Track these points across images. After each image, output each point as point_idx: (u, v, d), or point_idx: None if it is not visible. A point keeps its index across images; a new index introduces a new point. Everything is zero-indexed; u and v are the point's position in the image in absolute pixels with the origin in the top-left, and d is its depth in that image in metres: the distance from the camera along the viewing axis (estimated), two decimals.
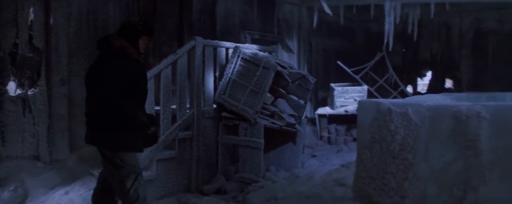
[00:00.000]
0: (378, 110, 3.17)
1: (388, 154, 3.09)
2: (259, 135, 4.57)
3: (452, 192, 2.89)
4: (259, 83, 4.54)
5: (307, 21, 8.37)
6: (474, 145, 2.80)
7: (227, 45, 5.04)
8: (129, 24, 3.07)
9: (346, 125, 7.72)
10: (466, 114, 2.84)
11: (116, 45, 2.95)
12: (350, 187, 4.41)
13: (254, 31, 7.15)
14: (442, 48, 9.63)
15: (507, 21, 8.97)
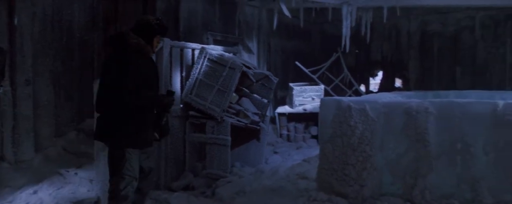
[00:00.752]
0: (339, 107, 3.47)
1: (349, 147, 3.39)
2: (226, 132, 4.78)
3: (405, 180, 3.24)
4: (226, 83, 4.75)
5: (267, 23, 8.65)
6: (423, 138, 3.16)
7: (193, 46, 5.21)
8: (146, 23, 3.08)
9: (305, 123, 8.05)
10: (416, 109, 3.20)
11: (132, 43, 3.00)
12: (312, 179, 4.72)
13: (216, 32, 7.33)
14: (392, 49, 10.22)
15: (449, 24, 9.68)
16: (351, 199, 3.35)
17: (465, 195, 3.05)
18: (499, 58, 9.25)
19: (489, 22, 9.27)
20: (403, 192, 3.24)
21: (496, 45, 9.29)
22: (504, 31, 9.15)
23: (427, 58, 9.97)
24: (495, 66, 9.28)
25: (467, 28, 9.54)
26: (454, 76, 9.68)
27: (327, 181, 3.52)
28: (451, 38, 9.69)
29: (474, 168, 3.02)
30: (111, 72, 2.97)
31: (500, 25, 9.23)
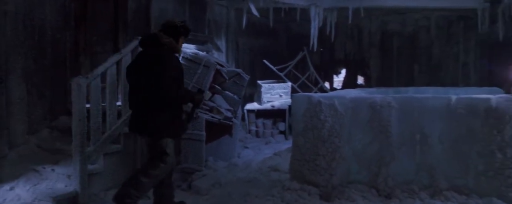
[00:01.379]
0: (310, 102, 3.74)
1: (319, 139, 3.67)
2: (200, 128, 4.96)
3: (370, 168, 3.55)
4: (200, 80, 4.92)
5: (235, 22, 8.88)
6: (386, 130, 3.47)
7: None
8: (173, 25, 3.50)
9: (273, 119, 8.33)
10: (380, 104, 3.51)
11: (166, 42, 3.38)
12: (283, 171, 5.00)
13: None
14: (354, 48, 10.68)
15: (408, 24, 10.23)
16: (321, 187, 3.62)
17: (423, 181, 3.38)
18: (453, 56, 9.87)
19: (443, 22, 9.88)
20: (368, 179, 3.54)
21: (450, 44, 9.91)
22: (457, 31, 9.78)
23: (387, 56, 10.49)
24: (449, 64, 9.90)
25: (423, 28, 10.12)
26: (412, 73, 10.25)
27: (300, 171, 3.77)
28: (409, 38, 10.24)
29: (431, 156, 3.36)
30: (150, 68, 3.29)
31: (453, 26, 9.85)
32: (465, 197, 3.19)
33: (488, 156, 3.17)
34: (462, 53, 9.74)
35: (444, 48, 9.93)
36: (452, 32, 9.82)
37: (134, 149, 4.97)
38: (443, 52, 9.93)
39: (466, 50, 9.68)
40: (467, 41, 9.62)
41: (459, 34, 9.75)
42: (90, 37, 6.33)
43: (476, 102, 3.24)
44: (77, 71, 5.74)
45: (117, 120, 4.67)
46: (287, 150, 5.95)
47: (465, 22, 9.45)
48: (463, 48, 9.70)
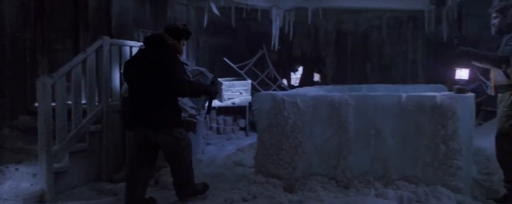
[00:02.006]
0: (274, 100, 3.96)
1: (283, 135, 3.90)
2: None
3: (329, 161, 3.82)
4: None
5: (195, 20, 8.97)
6: (344, 125, 3.75)
7: (132, 44, 5.41)
8: (176, 28, 3.81)
9: (233, 116, 8.51)
10: (339, 102, 3.79)
11: (171, 43, 3.72)
12: (247, 166, 5.22)
13: (146, 29, 7.50)
14: (311, 46, 11.05)
15: (361, 24, 10.71)
16: (285, 180, 3.86)
17: (378, 172, 3.70)
18: (402, 55, 10.46)
19: (394, 22, 10.44)
20: (328, 171, 3.81)
21: (400, 43, 10.48)
22: (406, 31, 10.37)
23: (342, 54, 10.94)
24: (399, 62, 10.48)
25: (375, 27, 10.63)
26: (365, 71, 10.76)
27: (264, 165, 4.00)
28: (362, 37, 10.73)
29: (384, 150, 3.68)
30: (160, 66, 3.53)
31: (403, 26, 10.43)
32: (414, 185, 3.52)
33: (434, 148, 3.52)
34: (410, 51, 10.34)
35: (394, 47, 10.49)
36: (402, 32, 10.39)
37: (100, 147, 5.02)
38: (393, 50, 10.49)
39: (415, 49, 10.29)
40: (416, 41, 10.22)
41: (408, 33, 10.34)
42: (48, 34, 6.25)
43: (424, 100, 3.59)
44: (37, 70, 5.68)
45: (82, 119, 4.71)
46: (249, 146, 6.17)
47: (414, 23, 10.04)
48: (411, 47, 10.30)
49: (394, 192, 3.46)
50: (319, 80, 11.33)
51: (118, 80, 5.26)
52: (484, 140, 5.20)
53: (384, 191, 3.49)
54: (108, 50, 4.98)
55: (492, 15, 3.72)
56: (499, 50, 3.64)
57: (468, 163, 3.55)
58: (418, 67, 10.35)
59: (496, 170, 4.33)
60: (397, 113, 3.65)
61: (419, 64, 10.31)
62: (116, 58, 5.20)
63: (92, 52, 4.80)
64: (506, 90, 3.58)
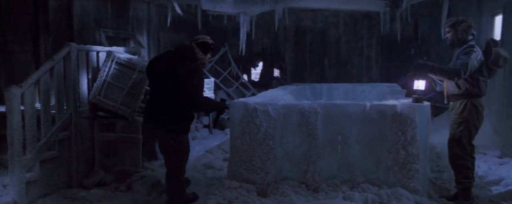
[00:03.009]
0: (246, 108, 4.14)
1: (255, 142, 4.09)
2: (137, 131, 5.13)
3: (300, 166, 4.07)
4: (136, 85, 5.07)
5: (156, 18, 8.93)
6: (313, 132, 4.00)
7: (98, 49, 5.39)
8: (206, 43, 4.08)
9: (196, 114, 8.61)
10: (308, 110, 4.02)
11: (199, 58, 4.03)
12: (217, 168, 5.40)
13: (108, 28, 7.42)
14: (271, 42, 11.27)
15: (319, 21, 11.04)
16: (258, 185, 4.07)
17: (344, 176, 3.98)
18: (358, 51, 10.92)
19: (350, 20, 10.85)
20: (298, 176, 4.06)
21: (356, 40, 10.93)
22: (362, 27, 10.81)
23: (300, 50, 11.25)
24: (355, 59, 10.94)
25: (332, 25, 11.01)
26: (323, 67, 11.14)
27: (237, 170, 4.18)
28: (320, 33, 11.08)
29: (350, 155, 3.96)
30: (186, 78, 3.85)
31: (358, 23, 10.86)
32: (377, 188, 3.83)
33: (395, 153, 3.84)
34: (365, 48, 10.81)
35: (350, 43, 10.93)
36: (357, 29, 10.83)
37: (69, 153, 5.01)
38: (349, 47, 10.92)
39: (369, 45, 10.77)
40: (370, 38, 10.69)
41: (363, 30, 10.79)
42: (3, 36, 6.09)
43: (386, 109, 3.89)
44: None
45: (51, 127, 4.68)
46: (217, 147, 6.34)
47: (369, 21, 10.48)
48: (366, 43, 10.77)
49: (360, 195, 3.75)
50: (279, 75, 11.61)
51: (86, 85, 5.24)
52: (433, 136, 5.63)
53: (351, 194, 3.78)
54: (75, 57, 4.96)
55: (445, 30, 4.07)
56: (451, 62, 4.01)
57: (424, 166, 3.91)
58: (373, 63, 10.86)
59: (447, 167, 4.77)
60: (362, 121, 3.93)
61: (373, 60, 10.81)
62: (83, 64, 5.18)
63: (60, 59, 4.76)
64: (457, 99, 3.96)
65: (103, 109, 5.19)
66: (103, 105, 5.15)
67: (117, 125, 5.22)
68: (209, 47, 4.15)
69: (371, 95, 6.88)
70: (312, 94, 7.08)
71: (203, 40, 4.15)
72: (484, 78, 3.90)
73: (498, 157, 5.32)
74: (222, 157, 5.83)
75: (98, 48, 5.39)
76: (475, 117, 3.89)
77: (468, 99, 3.87)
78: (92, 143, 5.33)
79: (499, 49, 3.89)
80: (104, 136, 5.30)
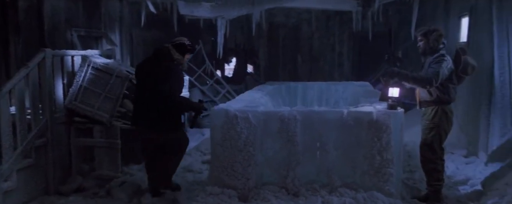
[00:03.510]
0: (227, 115, 4.20)
1: (236, 148, 4.17)
2: (115, 136, 5.11)
3: (280, 172, 4.18)
4: (113, 90, 5.04)
5: (128, 15, 8.80)
6: (293, 139, 4.11)
7: (73, 53, 5.31)
8: (182, 44, 4.37)
9: None
10: (287, 117, 4.13)
11: (176, 58, 4.31)
12: (197, 172, 5.46)
13: (80, 28, 7.28)
14: (244, 38, 11.32)
15: (291, 17, 11.16)
16: (239, 190, 4.16)
17: (323, 180, 4.12)
18: (330, 47, 11.12)
19: (322, 16, 11.01)
20: (279, 181, 4.17)
21: (328, 36, 11.12)
22: (334, 24, 11.01)
23: (274, 46, 11.36)
24: (327, 55, 11.15)
25: (305, 21, 11.15)
26: (296, 62, 11.30)
27: (219, 176, 4.26)
28: (293, 29, 11.21)
29: (328, 160, 4.10)
30: (162, 78, 4.13)
31: (331, 19, 11.05)
32: (354, 191, 4.00)
33: (370, 158, 4.00)
34: (337, 44, 11.02)
35: (323, 39, 11.11)
36: (330, 25, 11.01)
37: (46, 160, 4.95)
38: (322, 43, 11.11)
39: (341, 42, 10.98)
40: (342, 34, 10.90)
41: (335, 27, 10.99)
42: None
43: (362, 116, 4.04)
44: None
45: (27, 134, 4.62)
46: (195, 149, 6.38)
47: (341, 17, 10.68)
48: (338, 40, 10.97)
49: (338, 199, 3.91)
50: (252, 71, 11.69)
51: (61, 90, 5.16)
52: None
53: (329, 198, 3.93)
54: (50, 63, 4.87)
55: (418, 38, 4.24)
56: (423, 69, 4.19)
57: (398, 170, 4.10)
58: (344, 59, 11.09)
59: (417, 167, 5.01)
60: (339, 128, 4.07)
61: (345, 56, 11.04)
62: (58, 69, 5.09)
63: (34, 66, 4.67)
64: (429, 105, 4.16)
65: (80, 114, 5.14)
66: (80, 111, 5.10)
67: (94, 130, 5.18)
68: (186, 48, 4.40)
69: (345, 95, 7.08)
70: (288, 94, 7.21)
71: (179, 41, 4.42)
72: (454, 86, 4.11)
73: (464, 156, 5.61)
74: (200, 160, 5.88)
75: (72, 52, 5.31)
76: (445, 122, 4.10)
77: (439, 106, 4.07)
78: (69, 149, 5.27)
79: (468, 57, 4.10)
80: (82, 142, 5.25)
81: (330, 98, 7.23)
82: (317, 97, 7.27)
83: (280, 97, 6.99)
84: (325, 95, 7.26)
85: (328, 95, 7.25)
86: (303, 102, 7.26)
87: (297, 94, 7.26)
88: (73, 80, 5.23)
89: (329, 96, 7.25)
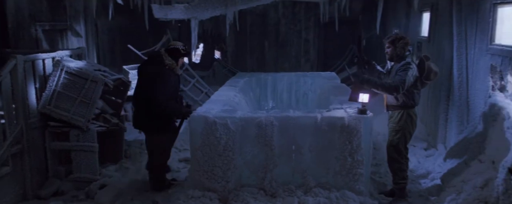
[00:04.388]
0: (206, 122, 4.34)
1: (216, 153, 4.34)
2: (92, 140, 5.15)
3: (258, 174, 4.40)
4: (89, 94, 5.04)
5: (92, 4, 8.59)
6: (270, 143, 4.32)
7: (44, 56, 5.23)
8: (175, 49, 4.55)
9: None
10: (265, 123, 4.32)
11: (167, 63, 4.48)
12: (174, 171, 5.60)
13: (44, 22, 7.11)
14: (212, 24, 11.29)
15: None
16: (219, 192, 4.37)
17: (298, 181, 4.38)
18: (296, 33, 11.30)
19: (289, 3, 11.12)
20: (257, 183, 4.40)
21: (294, 22, 11.27)
22: (300, 10, 11.15)
23: (241, 33, 11.38)
24: (294, 41, 11.33)
25: (272, 7, 11.22)
26: (263, 48, 11.42)
27: (199, 180, 4.43)
28: (260, 15, 11.27)
29: (303, 162, 4.35)
30: (151, 83, 4.38)
31: (297, 5, 11.18)
32: (328, 191, 4.29)
33: (342, 160, 4.28)
34: (304, 31, 11.21)
35: (289, 25, 11.26)
36: (296, 12, 11.15)
37: (23, 166, 4.96)
38: (288, 29, 11.26)
39: (307, 28, 11.18)
40: (308, 21, 11.09)
41: (301, 13, 11.14)
42: None
43: (334, 120, 4.28)
44: None
45: (3, 143, 4.60)
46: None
47: (307, 4, 10.83)
48: (304, 26, 11.16)
49: (313, 199, 4.19)
50: (220, 57, 11.74)
51: (34, 95, 5.11)
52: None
53: (305, 198, 4.20)
54: (22, 69, 4.81)
55: (386, 45, 4.49)
56: (390, 74, 4.47)
57: (367, 170, 4.41)
58: (310, 45, 11.32)
59: (382, 160, 5.37)
60: (314, 132, 4.31)
61: (311, 42, 11.27)
62: (30, 74, 5.03)
63: (7, 74, 4.61)
64: (395, 109, 4.46)
65: (54, 118, 5.13)
66: (55, 115, 5.09)
67: (71, 134, 5.19)
68: (180, 53, 4.60)
69: (313, 87, 7.33)
70: (258, 86, 7.38)
71: (174, 46, 4.62)
72: (418, 91, 4.42)
73: (425, 149, 6.03)
74: (177, 157, 6.01)
75: (43, 56, 5.23)
76: (410, 125, 4.43)
77: (404, 110, 4.38)
78: (45, 153, 5.28)
79: (431, 64, 4.40)
80: (57, 145, 5.26)
81: (299, 90, 7.47)
82: (287, 88, 7.48)
83: (251, 90, 7.16)
84: (294, 86, 7.48)
85: (297, 87, 7.48)
86: (273, 94, 7.48)
87: (268, 86, 7.44)
88: (44, 83, 5.19)
89: (298, 87, 7.48)
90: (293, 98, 7.50)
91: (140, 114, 4.61)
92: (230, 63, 11.51)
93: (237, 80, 7.10)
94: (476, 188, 4.05)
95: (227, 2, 6.06)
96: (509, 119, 4.00)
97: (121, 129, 5.76)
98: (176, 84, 4.74)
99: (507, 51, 4.18)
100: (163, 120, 4.60)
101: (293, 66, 11.24)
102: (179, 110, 4.64)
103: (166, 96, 4.49)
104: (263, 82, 7.52)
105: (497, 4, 4.45)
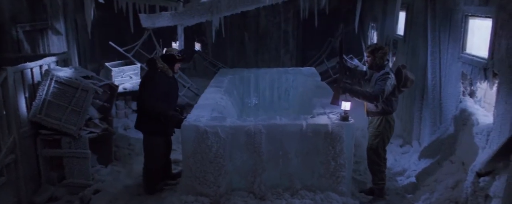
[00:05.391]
0: (197, 131, 4.55)
1: (207, 160, 4.57)
2: (84, 146, 5.29)
3: (247, 178, 4.67)
4: (80, 103, 5.15)
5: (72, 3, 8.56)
6: (258, 149, 4.58)
7: (32, 65, 5.28)
8: (171, 55, 4.93)
9: (123, 100, 8.69)
10: (254, 131, 4.56)
11: (159, 67, 4.84)
12: None
13: (25, 23, 7.06)
14: None
15: None
16: (211, 197, 4.62)
17: (285, 184, 4.68)
18: (276, 25, 11.45)
19: None
20: (247, 187, 4.67)
21: (274, 14, 11.40)
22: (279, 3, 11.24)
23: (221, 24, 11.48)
24: (273, 32, 11.49)
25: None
26: (243, 40, 11.55)
27: (192, 185, 4.67)
28: None
29: (290, 166, 4.63)
30: (144, 86, 4.76)
31: None
32: (313, 193, 4.60)
33: (326, 164, 4.59)
34: (283, 23, 11.37)
35: (269, 17, 11.39)
36: (275, 4, 11.24)
37: (17, 175, 5.07)
38: (268, 21, 11.40)
39: (287, 20, 11.34)
40: (287, 13, 11.24)
41: (280, 6, 11.25)
42: None
43: (319, 128, 4.56)
44: None
45: None
46: None
47: None
48: (284, 18, 11.32)
49: (299, 201, 4.50)
50: (200, 49, 11.82)
51: (24, 104, 5.19)
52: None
53: (292, 201, 4.51)
54: (13, 81, 4.87)
55: (366, 54, 4.76)
56: (369, 84, 4.76)
57: (349, 172, 4.73)
58: (289, 36, 11.51)
59: (362, 158, 5.71)
60: (300, 138, 4.58)
61: (290, 34, 11.46)
62: (19, 84, 5.10)
63: None
64: (375, 115, 4.77)
65: (46, 127, 5.23)
66: (47, 124, 5.20)
67: (62, 141, 5.31)
68: (175, 59, 4.94)
69: (294, 84, 7.59)
70: (241, 84, 7.59)
71: (169, 53, 4.98)
72: (396, 98, 4.73)
73: (400, 145, 6.40)
74: None
75: (31, 65, 5.29)
76: (388, 130, 4.75)
77: (383, 116, 4.70)
78: (37, 160, 5.39)
79: (407, 72, 4.70)
80: (49, 152, 5.38)
81: (281, 86, 7.72)
82: (269, 86, 7.72)
83: (235, 88, 7.36)
84: (276, 83, 7.73)
85: (279, 84, 7.73)
86: (256, 91, 7.71)
87: (250, 84, 7.66)
88: (33, 92, 5.26)
89: (280, 84, 7.73)
90: (276, 94, 7.76)
91: (139, 116, 4.98)
92: (210, 55, 11.62)
93: (222, 80, 7.27)
94: (447, 188, 4.43)
95: (212, 9, 6.17)
96: (477, 125, 4.36)
97: (110, 133, 5.89)
98: (170, 87, 4.98)
99: (476, 62, 4.50)
100: (157, 122, 4.80)
101: (273, 58, 11.43)
102: (166, 111, 4.79)
103: (155, 97, 4.77)
104: (246, 80, 7.72)
105: (468, 16, 4.75)
